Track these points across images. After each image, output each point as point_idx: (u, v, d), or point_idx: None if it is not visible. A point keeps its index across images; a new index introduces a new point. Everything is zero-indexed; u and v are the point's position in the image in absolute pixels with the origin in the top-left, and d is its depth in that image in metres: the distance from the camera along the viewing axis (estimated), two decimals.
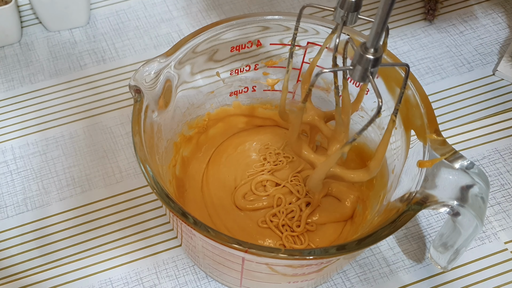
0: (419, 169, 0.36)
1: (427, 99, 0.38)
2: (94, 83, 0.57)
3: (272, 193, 0.47)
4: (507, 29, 0.62)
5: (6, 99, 0.56)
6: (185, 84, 0.42)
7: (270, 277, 0.38)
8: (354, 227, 0.45)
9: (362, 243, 0.33)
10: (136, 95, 0.37)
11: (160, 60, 0.39)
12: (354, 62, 0.30)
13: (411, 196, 0.35)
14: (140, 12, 0.63)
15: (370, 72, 0.30)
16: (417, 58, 0.59)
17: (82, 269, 0.46)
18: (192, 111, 0.46)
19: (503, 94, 0.57)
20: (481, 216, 0.34)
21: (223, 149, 0.50)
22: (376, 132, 0.44)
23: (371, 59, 0.30)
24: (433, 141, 0.36)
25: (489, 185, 0.35)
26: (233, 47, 0.43)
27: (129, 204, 0.50)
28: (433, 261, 0.43)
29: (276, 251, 0.32)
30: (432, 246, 0.43)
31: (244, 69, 0.45)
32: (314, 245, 0.45)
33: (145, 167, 0.35)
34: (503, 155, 0.52)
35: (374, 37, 0.29)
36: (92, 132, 0.54)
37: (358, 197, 0.46)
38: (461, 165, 0.34)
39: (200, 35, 0.41)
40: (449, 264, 0.42)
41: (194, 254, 0.42)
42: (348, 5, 0.34)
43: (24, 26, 0.62)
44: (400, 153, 0.40)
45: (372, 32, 0.29)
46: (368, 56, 0.29)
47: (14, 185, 0.51)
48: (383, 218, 0.36)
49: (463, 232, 0.37)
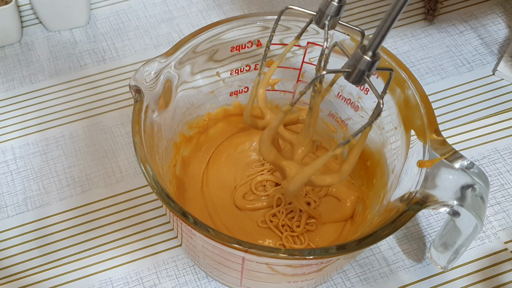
0: (419, 169, 0.36)
1: (427, 99, 0.38)
2: (94, 83, 0.58)
3: (272, 193, 0.47)
4: (507, 29, 0.62)
5: (7, 99, 0.56)
6: (185, 84, 0.42)
7: (270, 277, 0.38)
8: (354, 227, 0.45)
9: (362, 243, 0.33)
10: (136, 95, 0.37)
11: (160, 60, 0.39)
12: (351, 63, 0.30)
13: (411, 196, 0.35)
14: (140, 12, 0.63)
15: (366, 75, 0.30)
16: (417, 58, 0.59)
17: (82, 268, 0.46)
18: (192, 111, 0.46)
19: (503, 94, 0.57)
20: (481, 216, 0.34)
21: (223, 149, 0.50)
22: (376, 132, 0.44)
23: (370, 61, 0.30)
24: (433, 141, 0.36)
25: (489, 185, 0.35)
26: (233, 47, 0.43)
27: (129, 204, 0.50)
28: (433, 261, 0.43)
29: (276, 251, 0.32)
30: (432, 246, 0.43)
31: (244, 69, 0.45)
32: (314, 245, 0.45)
33: (145, 166, 0.35)
34: (503, 155, 0.52)
35: (377, 40, 0.29)
36: (93, 132, 0.54)
37: (358, 197, 0.46)
38: (461, 165, 0.34)
39: (200, 35, 0.41)
40: (449, 264, 0.42)
41: (194, 254, 0.42)
42: (331, 9, 0.34)
43: (24, 26, 0.62)
44: (400, 153, 0.40)
45: (376, 36, 0.29)
46: (367, 58, 0.29)
47: (15, 185, 0.51)
48: (383, 218, 0.36)
49: (463, 232, 0.37)
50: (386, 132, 0.42)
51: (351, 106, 0.45)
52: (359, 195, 0.46)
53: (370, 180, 0.45)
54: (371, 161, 0.45)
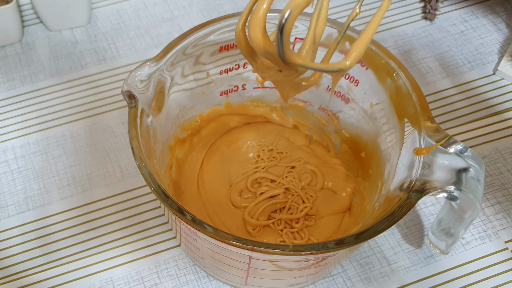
0: (416, 156, 0.36)
1: (418, 87, 0.39)
2: (95, 83, 0.58)
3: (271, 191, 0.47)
4: (508, 28, 0.62)
5: (7, 99, 0.56)
6: (177, 86, 0.43)
7: (276, 273, 0.38)
8: (353, 218, 0.45)
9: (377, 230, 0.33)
10: (130, 101, 0.37)
11: (150, 64, 0.39)
12: None
13: (411, 184, 0.35)
14: (141, 12, 0.63)
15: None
16: (417, 58, 0.59)
17: (83, 268, 0.46)
18: (184, 113, 0.46)
19: (504, 94, 0.57)
20: (478, 198, 0.35)
21: (216, 148, 0.50)
22: (369, 123, 0.44)
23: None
24: (428, 128, 0.37)
25: (483, 167, 0.36)
26: (222, 47, 0.43)
27: (130, 204, 0.50)
28: (432, 246, 0.43)
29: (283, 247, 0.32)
30: (430, 231, 0.43)
31: (233, 68, 0.46)
32: (315, 238, 0.45)
33: (141, 165, 0.35)
34: (504, 154, 0.52)
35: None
36: (93, 132, 0.54)
37: (354, 188, 0.47)
38: (455, 149, 0.35)
39: (188, 37, 0.41)
40: (448, 248, 0.42)
41: (196, 255, 0.42)
42: None
43: (25, 25, 0.62)
44: (395, 142, 0.40)
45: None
46: None
47: (15, 184, 0.51)
48: (385, 207, 0.36)
49: (462, 215, 0.38)
50: (379, 122, 0.43)
51: (341, 99, 0.45)
52: (355, 187, 0.47)
53: (365, 171, 0.45)
54: (366, 152, 0.45)
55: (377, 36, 0.60)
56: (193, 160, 0.49)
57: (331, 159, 0.49)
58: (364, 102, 0.44)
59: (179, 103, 0.45)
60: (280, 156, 0.49)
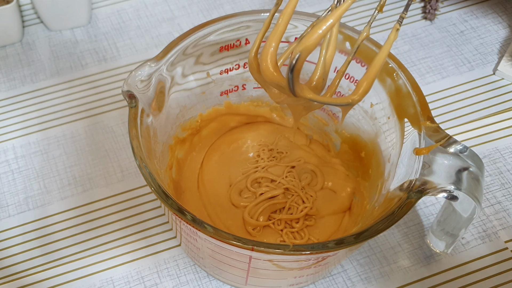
0: (416, 156, 0.36)
1: (418, 87, 0.39)
2: (96, 83, 0.58)
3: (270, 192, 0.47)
4: (508, 28, 0.62)
5: (8, 99, 0.57)
6: (177, 86, 0.43)
7: (276, 273, 0.39)
8: (353, 218, 0.45)
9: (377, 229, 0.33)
10: (130, 101, 0.37)
11: (150, 64, 0.39)
12: None
13: (411, 184, 0.35)
14: (142, 12, 0.64)
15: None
16: (417, 58, 0.59)
17: (84, 268, 0.46)
18: (184, 113, 0.46)
19: (504, 94, 0.57)
20: (478, 198, 0.35)
21: (216, 147, 0.50)
22: (369, 123, 0.44)
23: None
24: (428, 128, 0.37)
25: (483, 166, 0.36)
26: (222, 46, 0.43)
27: (130, 203, 0.50)
28: (432, 246, 0.43)
29: (283, 247, 0.32)
30: (430, 232, 0.43)
31: (233, 68, 0.46)
32: (315, 238, 0.45)
33: (141, 165, 0.35)
34: (504, 154, 0.53)
35: None
36: (94, 131, 0.54)
37: (354, 188, 0.47)
38: (455, 149, 0.35)
39: (189, 37, 0.41)
40: (448, 248, 0.42)
41: (196, 255, 0.42)
42: None
43: (25, 25, 0.62)
44: (395, 142, 0.40)
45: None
46: None
47: (16, 184, 0.51)
48: (385, 207, 0.36)
49: (462, 215, 0.38)
50: (379, 122, 0.43)
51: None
52: (355, 186, 0.47)
53: (365, 171, 0.45)
54: (366, 152, 0.45)
55: (377, 36, 0.60)
56: (193, 160, 0.49)
57: (331, 159, 0.49)
58: (364, 102, 0.44)
59: (179, 103, 0.45)
60: (280, 156, 0.49)
